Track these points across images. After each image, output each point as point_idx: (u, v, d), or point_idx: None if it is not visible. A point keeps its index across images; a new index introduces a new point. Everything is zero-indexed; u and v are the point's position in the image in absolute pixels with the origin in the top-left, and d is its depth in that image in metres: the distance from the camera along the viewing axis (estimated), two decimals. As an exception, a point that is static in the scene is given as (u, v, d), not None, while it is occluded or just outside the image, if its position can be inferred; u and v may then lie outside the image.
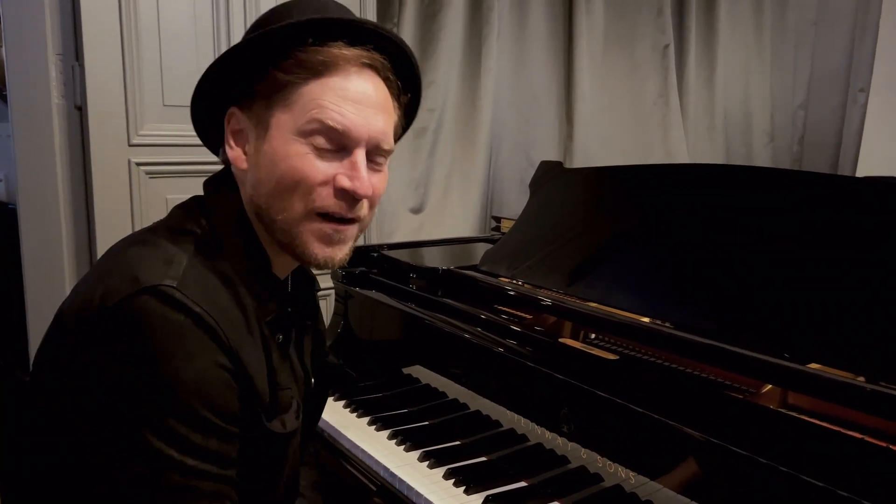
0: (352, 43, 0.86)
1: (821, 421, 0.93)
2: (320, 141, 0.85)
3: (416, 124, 2.56)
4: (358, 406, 1.49)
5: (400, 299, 1.58)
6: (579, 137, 2.85)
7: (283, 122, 0.85)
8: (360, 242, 2.24)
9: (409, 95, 0.97)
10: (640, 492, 1.05)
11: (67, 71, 1.76)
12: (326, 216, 0.87)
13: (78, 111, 1.79)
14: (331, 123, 0.84)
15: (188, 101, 0.93)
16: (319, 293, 1.20)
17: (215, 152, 0.99)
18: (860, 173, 3.35)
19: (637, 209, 1.44)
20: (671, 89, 3.06)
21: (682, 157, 3.06)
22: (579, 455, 1.14)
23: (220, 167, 0.97)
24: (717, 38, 3.22)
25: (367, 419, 1.43)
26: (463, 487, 1.16)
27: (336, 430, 1.41)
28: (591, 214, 1.53)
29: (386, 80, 0.90)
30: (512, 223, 1.75)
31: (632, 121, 3.04)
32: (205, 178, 0.96)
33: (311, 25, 0.85)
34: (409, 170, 2.58)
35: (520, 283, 1.50)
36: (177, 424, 0.75)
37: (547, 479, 1.18)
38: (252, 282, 0.88)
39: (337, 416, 1.47)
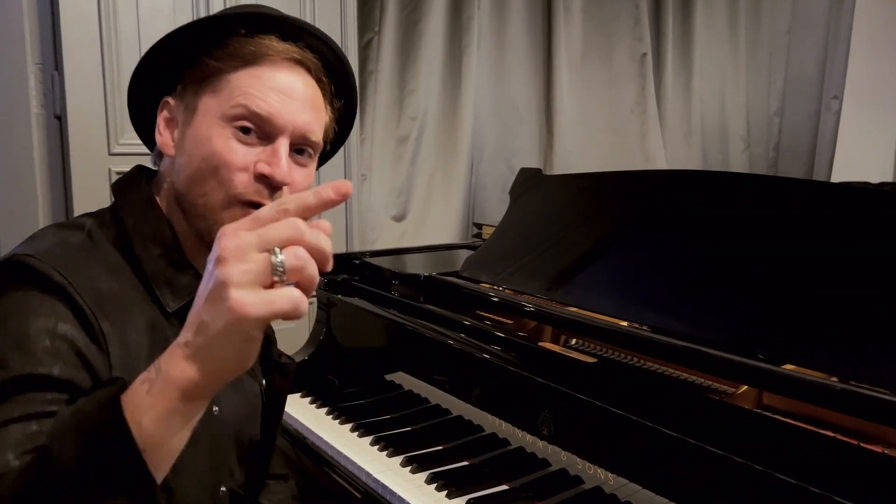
0: (284, 38, 0.88)
1: (795, 420, 0.95)
2: (244, 124, 0.85)
3: (398, 132, 2.59)
4: (341, 413, 1.50)
5: (382, 306, 1.59)
6: (559, 145, 2.88)
7: (209, 107, 0.86)
8: (342, 250, 2.24)
9: (342, 102, 0.98)
10: (619, 493, 1.07)
11: (47, 80, 1.76)
12: (247, 204, 0.85)
13: (57, 120, 1.78)
14: (255, 109, 0.84)
15: None
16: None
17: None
18: (835, 178, 3.41)
19: (615, 215, 1.46)
20: (649, 97, 3.10)
21: (660, 163, 3.10)
22: (560, 458, 1.15)
23: None
24: (694, 46, 3.27)
25: (349, 426, 1.44)
26: (445, 492, 1.17)
27: (319, 437, 1.41)
28: (570, 220, 1.55)
29: (318, 80, 0.91)
30: (493, 229, 1.77)
31: (610, 128, 3.07)
32: None
33: (245, 17, 0.87)
34: (391, 178, 2.59)
35: (501, 288, 1.51)
36: None
37: (528, 483, 1.19)
38: (156, 271, 0.85)
39: (320, 422, 1.47)
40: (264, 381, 1.04)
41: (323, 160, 1.04)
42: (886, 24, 3.63)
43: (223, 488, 0.94)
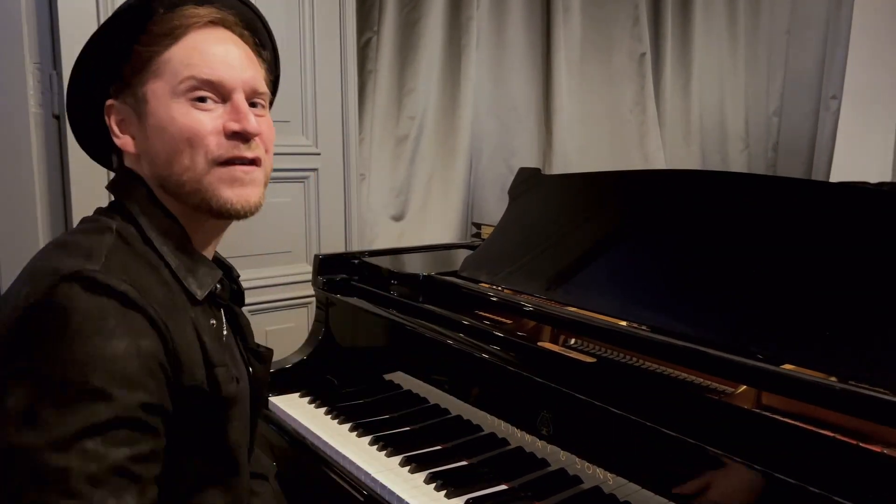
0: (200, 3, 0.91)
1: (794, 420, 0.95)
2: (199, 94, 0.87)
3: (397, 132, 2.59)
4: (339, 412, 1.50)
5: (381, 306, 1.59)
6: (558, 145, 2.88)
7: (157, 91, 0.88)
8: (341, 249, 2.24)
9: (267, 51, 1.01)
10: (618, 493, 1.07)
11: (45, 80, 1.75)
12: (227, 162, 0.89)
13: (56, 120, 1.78)
14: (204, 77, 0.87)
15: None
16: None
17: (107, 164, 1.01)
18: (833, 178, 3.41)
19: (614, 215, 1.46)
20: (648, 97, 3.10)
21: (658, 163, 3.10)
22: (558, 458, 1.15)
23: None
24: (693, 46, 3.27)
25: (348, 425, 1.43)
26: (444, 491, 1.17)
27: (317, 437, 1.41)
28: (569, 220, 1.55)
29: (241, 35, 0.94)
30: (492, 229, 1.77)
31: (609, 128, 3.07)
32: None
33: None
34: (390, 177, 2.59)
35: (500, 288, 1.51)
36: (84, 404, 0.72)
37: (527, 482, 1.19)
38: (179, 263, 0.88)
39: (318, 422, 1.47)
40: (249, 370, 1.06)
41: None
42: (885, 25, 3.64)
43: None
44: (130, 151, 0.92)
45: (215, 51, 0.89)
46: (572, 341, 1.34)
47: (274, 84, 1.06)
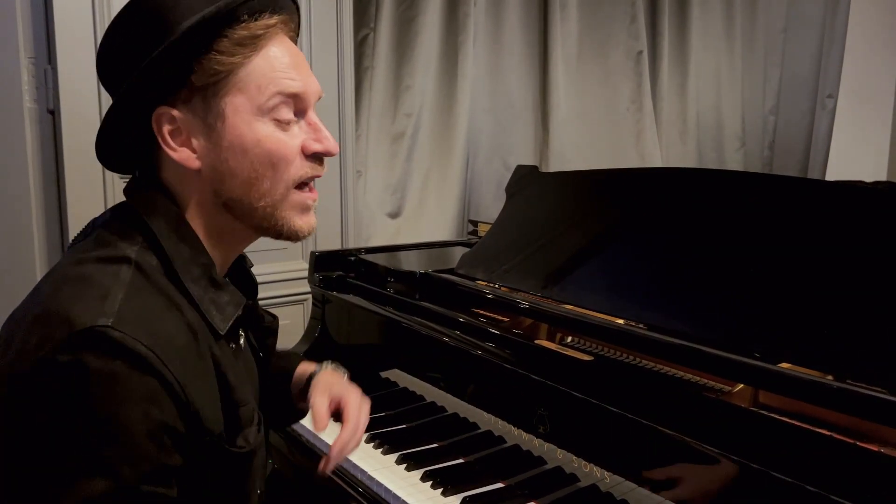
0: (274, 11, 0.85)
1: (791, 419, 0.95)
2: (283, 113, 0.84)
3: (394, 129, 2.58)
4: (335, 410, 1.49)
5: (377, 303, 1.59)
6: (554, 143, 2.88)
7: (239, 107, 0.82)
8: (337, 246, 2.24)
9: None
10: (615, 491, 1.07)
11: (40, 75, 1.75)
12: (302, 185, 0.88)
13: (51, 115, 1.77)
14: (290, 90, 0.84)
15: None
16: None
17: (116, 168, 0.94)
18: (829, 177, 3.42)
19: (611, 212, 1.46)
20: (644, 95, 3.10)
21: (655, 161, 3.10)
22: (555, 456, 1.15)
23: None
24: (690, 44, 3.27)
25: (344, 423, 1.43)
26: (440, 489, 1.17)
27: (313, 435, 1.41)
28: (565, 218, 1.55)
29: (293, 39, 0.92)
30: (489, 227, 1.76)
31: (606, 126, 3.07)
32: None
33: (245, 2, 0.81)
34: (387, 174, 2.59)
35: (496, 286, 1.51)
36: (88, 477, 0.69)
37: (524, 480, 1.19)
38: (201, 293, 0.83)
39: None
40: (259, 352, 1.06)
41: None
42: (881, 24, 3.64)
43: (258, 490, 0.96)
44: (192, 167, 0.84)
45: (289, 61, 0.86)
46: (569, 339, 1.34)
47: None
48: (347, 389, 1.12)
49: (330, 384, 1.13)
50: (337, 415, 1.10)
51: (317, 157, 0.88)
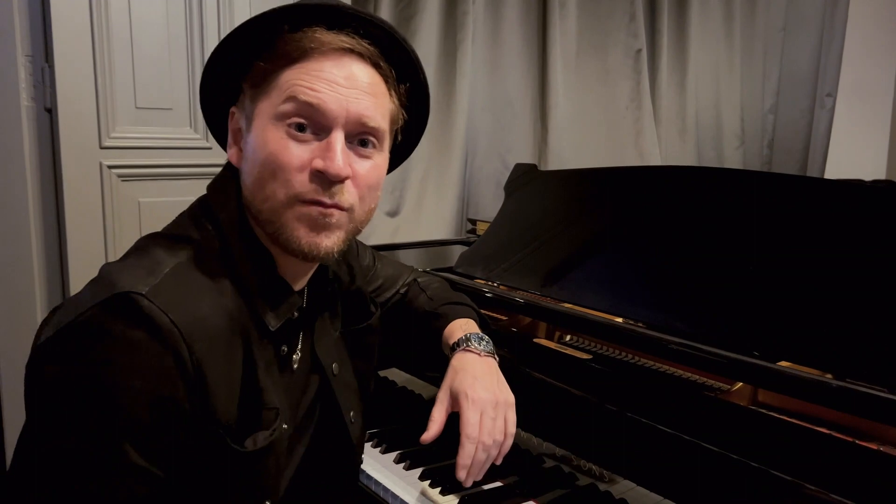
0: (330, 28, 0.84)
1: (790, 417, 0.95)
2: (297, 121, 0.82)
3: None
4: (334, 409, 1.49)
5: (375, 302, 1.58)
6: (553, 141, 2.87)
7: (263, 110, 0.84)
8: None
9: (407, 85, 0.93)
10: (614, 490, 1.07)
11: (37, 73, 1.74)
12: (308, 203, 0.83)
13: (48, 113, 1.76)
14: (303, 98, 0.81)
15: (161, 104, 0.93)
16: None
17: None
18: (828, 175, 3.42)
19: (610, 211, 1.45)
20: (644, 93, 3.09)
21: (654, 160, 3.09)
22: (554, 454, 1.15)
23: (187, 170, 0.97)
24: (689, 43, 3.27)
25: (342, 422, 1.43)
26: (439, 488, 1.17)
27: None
28: (564, 216, 1.54)
29: (375, 66, 0.87)
30: (487, 225, 1.76)
31: (605, 124, 3.06)
32: (178, 182, 0.95)
33: (287, 11, 0.84)
34: (385, 173, 2.58)
35: (495, 284, 1.51)
36: (87, 442, 0.71)
37: (522, 479, 1.19)
38: (256, 288, 0.85)
39: (312, 419, 1.46)
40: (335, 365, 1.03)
41: (404, 152, 1.03)
42: (880, 23, 3.64)
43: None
44: (237, 164, 0.89)
45: (326, 76, 0.82)
46: (568, 338, 1.34)
47: (418, 125, 1.00)
48: (468, 387, 1.01)
49: (455, 373, 1.05)
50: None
51: (323, 179, 0.82)
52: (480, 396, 1.01)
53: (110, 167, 1.81)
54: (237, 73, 0.88)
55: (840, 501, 0.77)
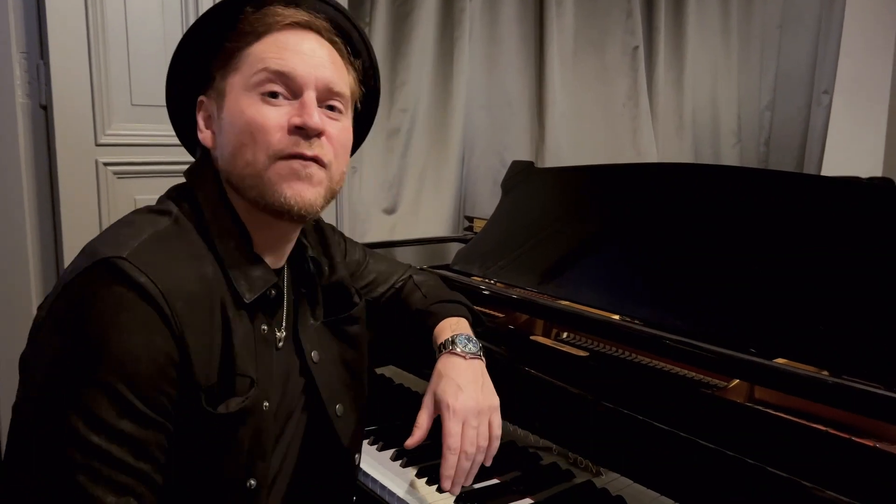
0: (287, 5, 0.91)
1: (786, 414, 0.95)
2: (268, 87, 0.87)
3: (389, 125, 2.57)
4: (330, 406, 1.49)
5: (372, 299, 1.58)
6: (551, 139, 2.87)
7: (234, 84, 0.89)
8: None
9: (360, 60, 1.00)
10: (611, 487, 1.07)
11: (32, 69, 1.73)
12: (289, 157, 0.87)
13: (43, 110, 1.76)
14: (275, 68, 0.87)
15: (157, 101, 0.95)
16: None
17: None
18: (825, 173, 3.42)
19: (607, 208, 1.45)
20: (641, 91, 3.09)
21: (651, 157, 3.09)
22: (551, 452, 1.15)
23: (183, 167, 0.98)
24: (686, 40, 3.26)
25: (339, 419, 1.43)
26: (435, 486, 1.17)
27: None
28: (562, 213, 1.54)
29: (331, 41, 0.94)
30: (484, 223, 1.76)
31: (602, 122, 3.06)
32: (174, 179, 0.97)
33: None
34: (382, 170, 2.58)
35: (492, 281, 1.51)
36: (90, 396, 0.74)
37: (519, 476, 1.19)
38: (233, 261, 0.88)
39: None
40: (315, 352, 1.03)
41: (364, 126, 1.09)
42: (877, 20, 3.64)
43: (252, 482, 0.90)
44: (208, 146, 0.93)
45: (292, 47, 0.89)
46: (565, 335, 1.34)
47: (373, 97, 1.06)
48: (450, 397, 1.02)
49: (439, 379, 1.07)
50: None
51: (301, 132, 0.87)
52: (463, 405, 1.03)
53: (106, 164, 1.81)
54: (203, 63, 0.93)
55: (836, 498, 0.77)
